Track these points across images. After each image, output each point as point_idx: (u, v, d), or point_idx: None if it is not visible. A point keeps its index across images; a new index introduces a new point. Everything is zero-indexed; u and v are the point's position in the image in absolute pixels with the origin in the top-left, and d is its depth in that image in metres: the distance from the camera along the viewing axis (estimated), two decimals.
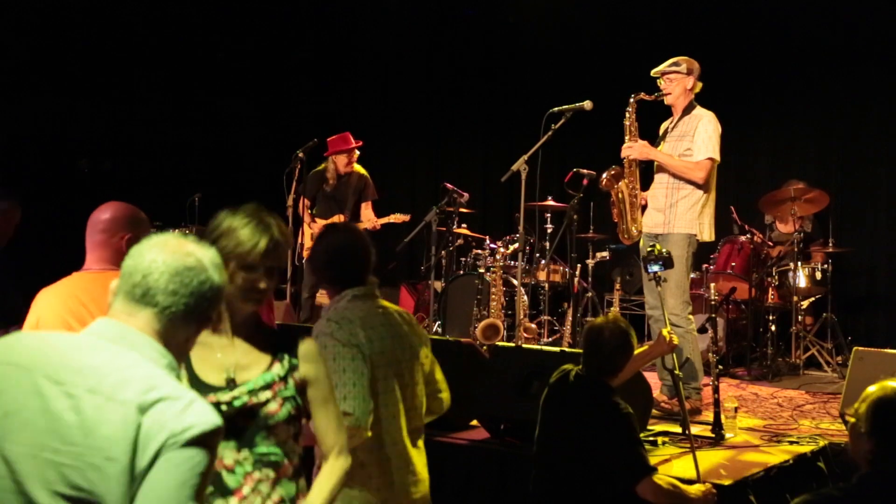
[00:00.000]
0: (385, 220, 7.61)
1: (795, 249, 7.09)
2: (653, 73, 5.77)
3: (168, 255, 1.75)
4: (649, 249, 4.55)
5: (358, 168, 7.69)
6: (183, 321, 1.76)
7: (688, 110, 5.70)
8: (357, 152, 7.66)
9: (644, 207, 5.84)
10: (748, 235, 7.37)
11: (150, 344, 1.70)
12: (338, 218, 7.39)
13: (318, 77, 10.49)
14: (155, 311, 1.71)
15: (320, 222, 7.47)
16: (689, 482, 3.75)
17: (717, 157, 5.58)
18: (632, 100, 5.77)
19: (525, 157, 5.91)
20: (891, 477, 2.42)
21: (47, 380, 1.61)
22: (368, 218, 7.58)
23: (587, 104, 5.82)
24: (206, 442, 1.58)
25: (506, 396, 4.56)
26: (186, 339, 1.81)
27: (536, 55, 9.49)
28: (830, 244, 7.50)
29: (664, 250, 4.53)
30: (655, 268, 4.45)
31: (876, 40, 8.01)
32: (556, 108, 5.87)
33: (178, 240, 1.83)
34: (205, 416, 1.61)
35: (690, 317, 5.66)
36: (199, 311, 1.78)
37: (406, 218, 7.63)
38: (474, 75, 9.90)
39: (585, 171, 6.11)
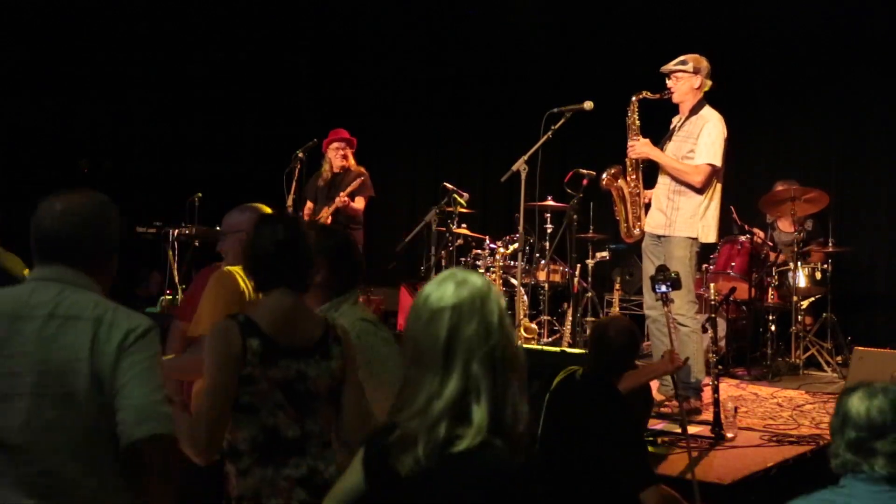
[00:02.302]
0: (351, 189, 7.21)
1: (795, 249, 7.09)
2: (661, 70, 5.74)
3: None
4: (658, 270, 4.57)
5: (356, 166, 7.61)
6: None
7: (695, 110, 5.65)
8: (348, 147, 7.50)
9: (648, 206, 5.83)
10: (748, 235, 7.37)
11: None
12: (325, 211, 7.26)
13: (318, 77, 10.50)
14: None
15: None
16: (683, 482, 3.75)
17: (718, 162, 5.52)
18: (634, 98, 5.76)
19: (525, 157, 5.91)
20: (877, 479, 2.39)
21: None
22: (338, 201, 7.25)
23: (587, 104, 5.81)
24: None
25: None
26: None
27: (536, 55, 9.49)
28: (830, 244, 7.49)
29: (673, 272, 4.54)
30: (663, 288, 4.46)
31: (876, 41, 8.01)
32: (556, 109, 5.86)
33: None
34: None
35: (697, 316, 5.66)
36: None
37: (360, 181, 7.36)
38: (474, 75, 9.90)
39: (585, 171, 6.12)
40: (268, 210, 3.62)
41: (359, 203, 7.28)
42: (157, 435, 2.08)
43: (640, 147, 5.71)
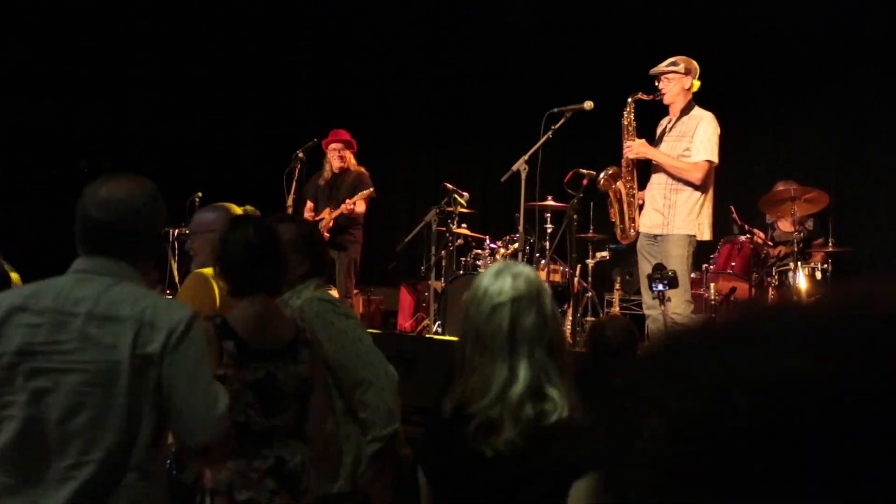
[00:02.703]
0: (358, 197, 7.25)
1: (796, 249, 7.09)
2: (651, 72, 5.77)
3: None
4: (654, 269, 4.58)
5: (356, 167, 7.62)
6: None
7: (686, 110, 5.70)
8: (348, 150, 7.52)
9: (641, 207, 5.84)
10: (748, 235, 7.37)
11: None
12: (326, 212, 7.27)
13: (318, 77, 10.49)
14: None
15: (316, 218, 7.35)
16: None
17: (716, 159, 5.58)
18: (629, 100, 5.79)
19: (525, 157, 5.91)
20: None
21: None
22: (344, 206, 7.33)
23: (587, 104, 5.82)
24: None
25: None
26: None
27: (536, 55, 9.49)
28: (830, 244, 7.49)
29: (670, 271, 4.54)
30: (660, 287, 4.47)
31: (876, 41, 8.01)
32: (556, 109, 5.87)
33: None
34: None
35: (693, 315, 5.66)
36: None
37: (370, 191, 7.41)
38: (474, 75, 9.89)
39: (585, 171, 6.12)
40: (237, 210, 3.64)
41: (360, 206, 7.31)
42: (219, 436, 2.17)
43: (637, 147, 5.73)
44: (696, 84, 5.73)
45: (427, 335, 7.14)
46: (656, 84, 5.74)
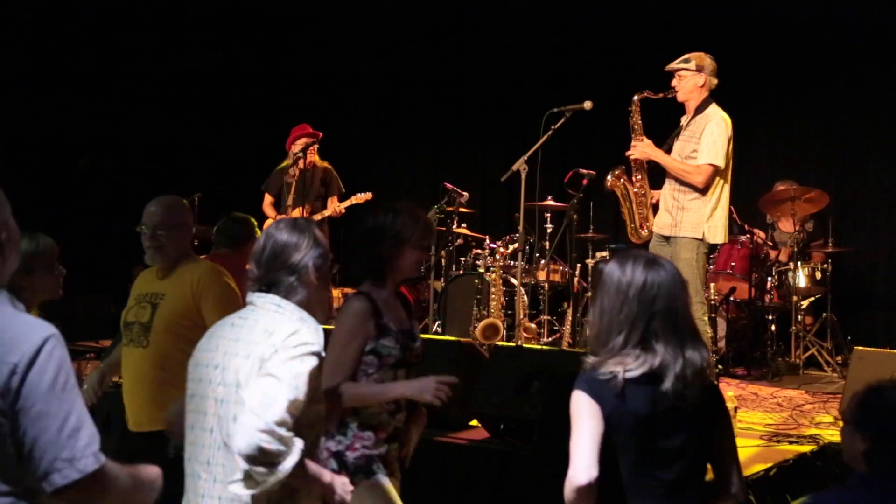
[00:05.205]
0: (348, 202, 7.42)
1: (796, 249, 7.09)
2: (666, 69, 5.71)
3: None
4: None
5: (321, 162, 7.60)
6: None
7: (700, 109, 5.61)
8: (314, 146, 7.46)
9: (656, 206, 5.82)
10: (748, 235, 7.37)
11: None
12: (297, 212, 7.23)
13: (318, 77, 10.49)
14: None
15: (280, 216, 7.22)
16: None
17: (720, 162, 5.47)
18: (635, 98, 5.75)
19: (525, 156, 5.91)
20: (888, 475, 2.41)
21: None
22: (331, 205, 7.44)
23: (587, 104, 5.81)
24: None
25: (506, 396, 4.56)
26: None
27: (536, 55, 9.49)
28: (830, 244, 7.50)
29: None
30: None
31: (876, 39, 8.01)
32: (555, 108, 5.87)
33: None
34: None
35: (706, 318, 5.62)
36: None
37: (368, 196, 7.50)
38: (474, 75, 9.90)
39: (585, 171, 6.12)
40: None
41: (341, 207, 7.42)
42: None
43: (642, 148, 5.70)
44: (714, 82, 5.63)
45: (427, 335, 7.15)
46: (672, 81, 5.70)
